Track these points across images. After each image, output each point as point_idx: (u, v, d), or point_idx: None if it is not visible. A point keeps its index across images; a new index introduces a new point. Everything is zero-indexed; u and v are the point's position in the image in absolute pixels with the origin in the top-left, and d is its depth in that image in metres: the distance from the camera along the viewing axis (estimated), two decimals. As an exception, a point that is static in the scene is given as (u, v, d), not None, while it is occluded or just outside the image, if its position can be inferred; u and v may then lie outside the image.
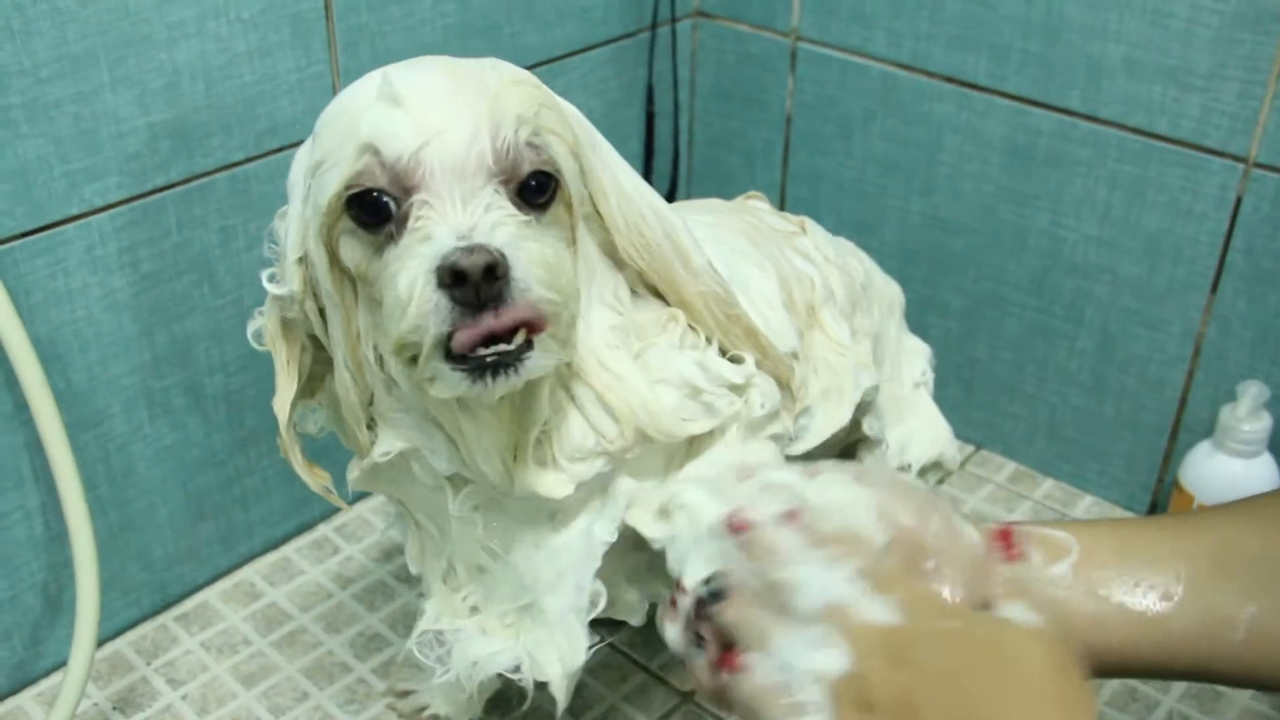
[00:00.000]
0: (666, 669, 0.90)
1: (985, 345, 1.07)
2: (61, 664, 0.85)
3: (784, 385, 0.69)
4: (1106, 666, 0.58)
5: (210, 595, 0.95)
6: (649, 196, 0.64)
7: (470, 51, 0.96)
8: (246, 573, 0.98)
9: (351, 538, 1.01)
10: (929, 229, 1.06)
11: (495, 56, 0.97)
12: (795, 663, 0.51)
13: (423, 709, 0.84)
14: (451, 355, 0.54)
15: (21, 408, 0.78)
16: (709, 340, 0.66)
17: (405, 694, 0.86)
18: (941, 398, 0.89)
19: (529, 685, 0.67)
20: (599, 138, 0.63)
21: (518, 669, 0.67)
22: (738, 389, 0.66)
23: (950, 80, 1.00)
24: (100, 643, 0.87)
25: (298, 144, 0.88)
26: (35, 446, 0.80)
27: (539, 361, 0.55)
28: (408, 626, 0.92)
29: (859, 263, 0.84)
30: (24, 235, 0.76)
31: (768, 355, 0.67)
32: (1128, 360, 0.99)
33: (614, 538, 0.65)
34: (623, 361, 0.63)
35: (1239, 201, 0.90)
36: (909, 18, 1.00)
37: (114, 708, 0.86)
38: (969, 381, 1.09)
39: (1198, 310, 0.94)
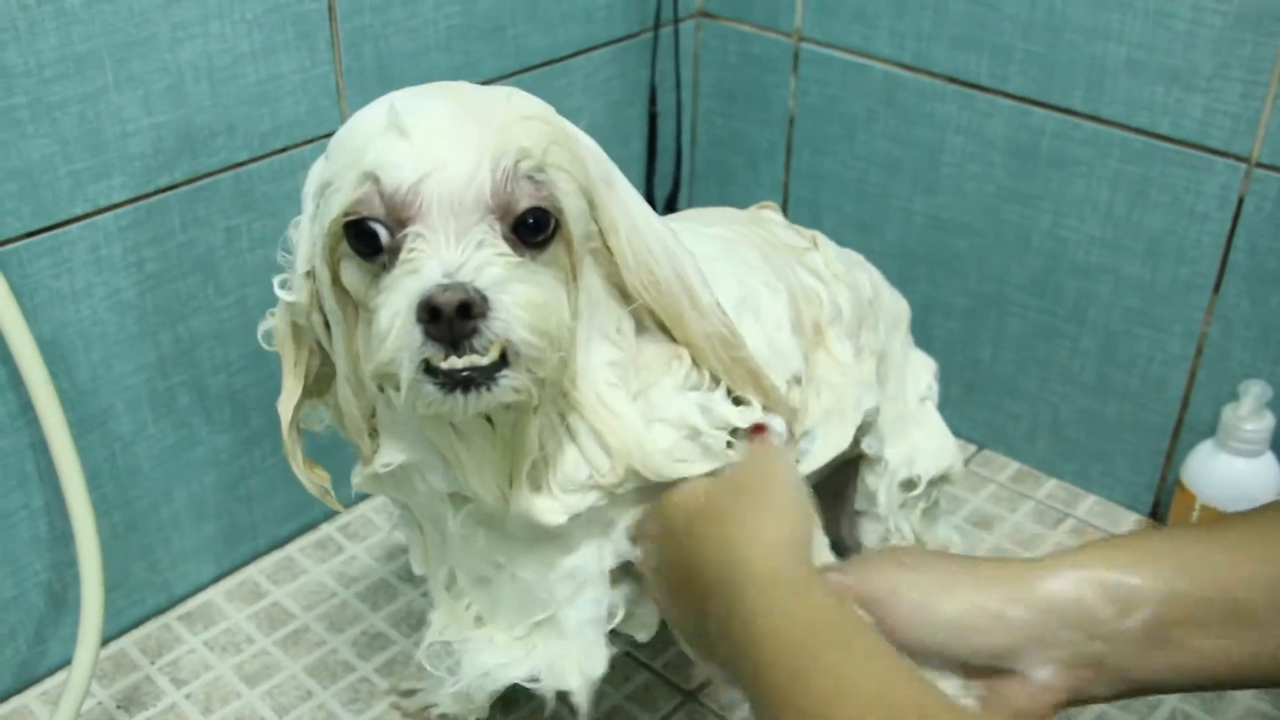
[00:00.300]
0: (670, 668, 0.90)
1: (988, 345, 1.07)
2: (65, 663, 0.85)
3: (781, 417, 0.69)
4: (1146, 688, 0.58)
5: (214, 594, 0.96)
6: (661, 234, 0.64)
7: (473, 53, 0.97)
8: (250, 572, 0.98)
9: (355, 537, 1.02)
10: (932, 229, 1.06)
11: (498, 57, 0.98)
12: None
13: (428, 707, 0.84)
14: (430, 369, 0.54)
15: (26, 407, 0.78)
16: (716, 381, 0.66)
17: (410, 693, 0.86)
18: (944, 398, 0.90)
19: (549, 695, 0.67)
20: (616, 173, 0.63)
21: (535, 679, 0.67)
22: (740, 434, 0.66)
23: (953, 80, 1.00)
24: (104, 642, 0.87)
25: (302, 144, 0.89)
26: (40, 446, 0.80)
27: (512, 383, 0.55)
28: (411, 625, 0.93)
29: (868, 277, 0.84)
30: (29, 235, 0.77)
31: (769, 399, 0.67)
32: (1130, 360, 0.99)
33: (615, 563, 0.66)
34: (621, 399, 0.63)
35: (1241, 201, 0.90)
36: (911, 18, 1.00)
37: (118, 706, 0.86)
38: (971, 381, 1.09)
39: (1200, 310, 0.94)
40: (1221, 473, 0.92)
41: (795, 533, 0.56)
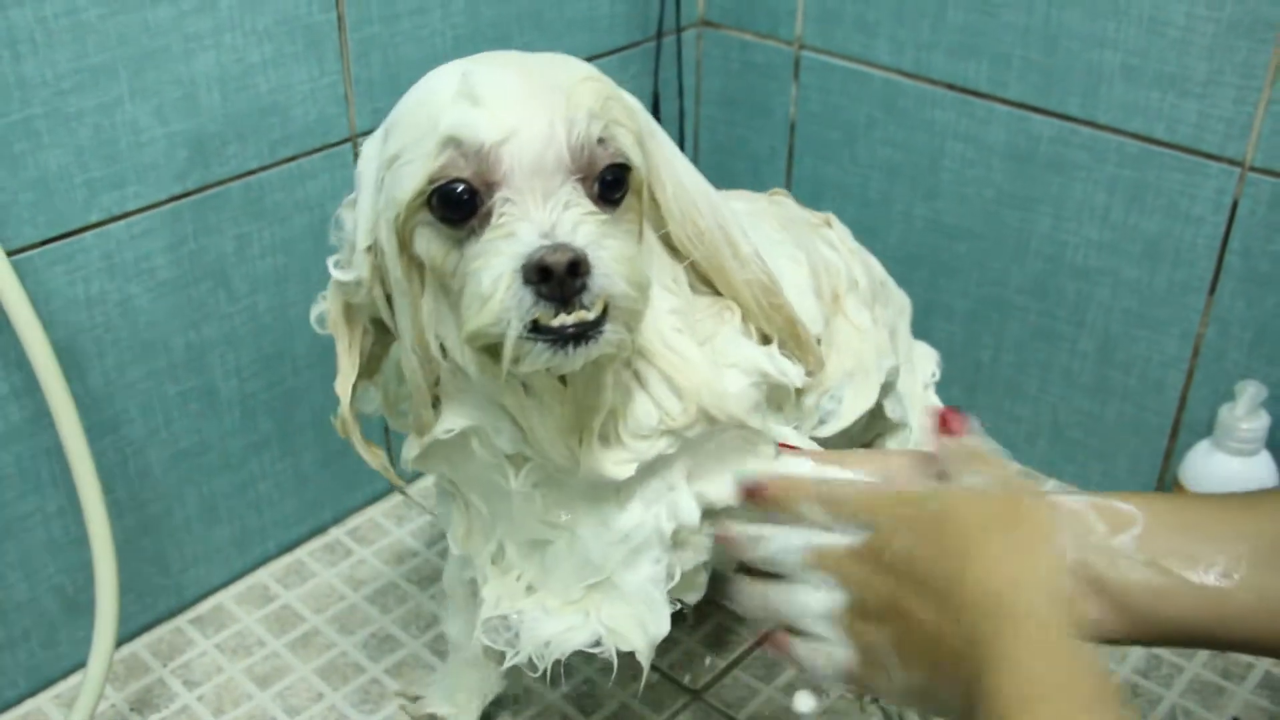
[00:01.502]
0: (676, 668, 0.91)
1: (989, 348, 1.08)
2: (79, 666, 0.86)
3: (811, 373, 0.71)
4: (1165, 635, 0.59)
5: (224, 598, 0.97)
6: (702, 186, 0.66)
7: (479, 61, 0.98)
8: (260, 576, 0.99)
9: (363, 541, 1.03)
10: (932, 234, 1.07)
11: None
12: (806, 614, 0.59)
13: (431, 715, 0.85)
14: (537, 328, 0.56)
15: (42, 412, 0.79)
16: (766, 339, 0.68)
17: (416, 698, 0.87)
18: (945, 399, 0.91)
19: (612, 656, 0.67)
20: (657, 127, 0.65)
21: (598, 644, 0.67)
22: (799, 392, 0.68)
23: (952, 87, 1.01)
24: (117, 644, 0.88)
25: (311, 153, 0.90)
26: (55, 451, 0.81)
27: (612, 336, 0.57)
28: (420, 628, 0.94)
29: (876, 262, 0.86)
30: (45, 243, 0.78)
31: (801, 344, 0.69)
32: (1129, 362, 1.00)
33: (694, 519, 0.66)
34: (687, 343, 0.64)
35: (1235, 205, 0.91)
36: (911, 26, 1.01)
37: (131, 709, 0.87)
38: (973, 384, 1.10)
39: (1196, 312, 0.95)
40: (1218, 472, 0.94)
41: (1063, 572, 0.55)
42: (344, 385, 0.66)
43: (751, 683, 0.90)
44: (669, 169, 0.64)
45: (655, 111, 1.14)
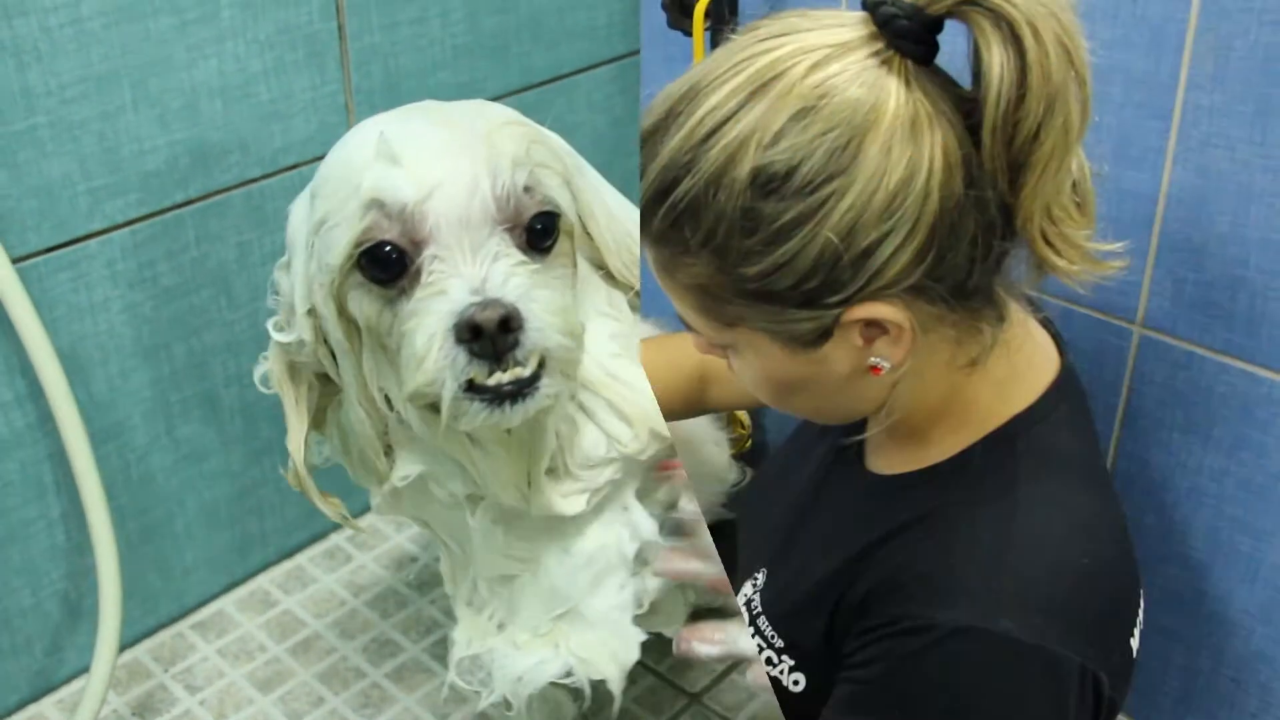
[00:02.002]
0: (675, 671, 0.91)
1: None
2: (81, 671, 0.87)
3: None
4: None
5: (226, 603, 0.97)
6: (633, 214, 0.66)
7: (479, 71, 0.99)
8: (261, 581, 0.99)
9: (363, 546, 1.03)
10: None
11: (502, 75, 1.00)
12: None
13: None
14: (473, 387, 0.56)
15: (45, 419, 0.80)
16: None
17: None
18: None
19: (585, 686, 0.68)
20: (583, 162, 0.65)
21: (569, 674, 0.67)
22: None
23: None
24: (119, 650, 0.88)
25: (312, 161, 0.91)
26: (58, 457, 0.81)
27: (549, 389, 0.57)
28: (420, 632, 0.94)
29: None
30: (49, 250, 0.79)
31: None
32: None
33: (653, 534, 0.67)
34: (628, 368, 0.65)
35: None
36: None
37: (133, 713, 0.87)
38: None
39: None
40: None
41: None
42: (295, 441, 0.67)
43: (750, 686, 0.90)
44: (599, 202, 0.64)
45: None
